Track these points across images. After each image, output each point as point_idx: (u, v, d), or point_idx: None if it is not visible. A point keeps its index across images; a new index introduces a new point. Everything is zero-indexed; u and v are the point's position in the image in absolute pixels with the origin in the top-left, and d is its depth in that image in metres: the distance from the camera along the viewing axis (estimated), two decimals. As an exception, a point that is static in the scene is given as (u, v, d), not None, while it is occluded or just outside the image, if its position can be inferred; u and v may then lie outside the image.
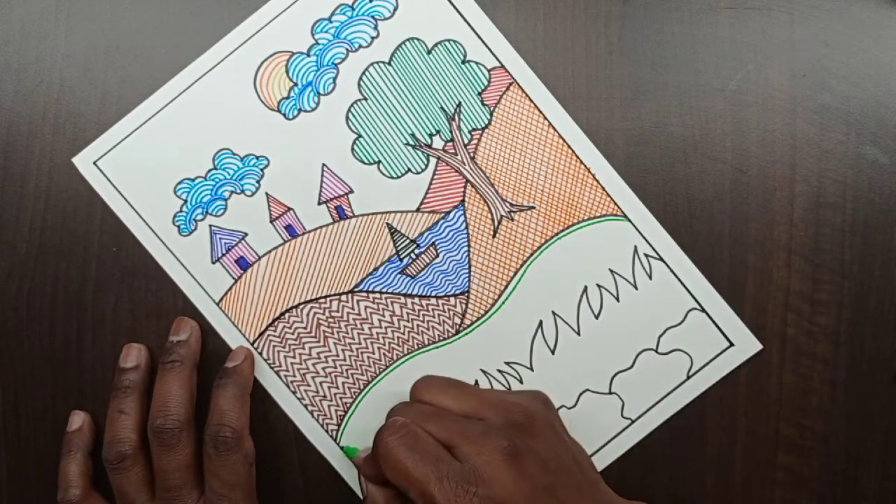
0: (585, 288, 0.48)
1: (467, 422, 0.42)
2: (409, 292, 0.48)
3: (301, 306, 0.48)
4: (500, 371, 0.48)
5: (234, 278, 0.48)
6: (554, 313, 0.48)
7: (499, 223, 0.48)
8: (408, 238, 0.48)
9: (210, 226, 0.48)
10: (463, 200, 0.48)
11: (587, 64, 0.48)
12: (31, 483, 0.49)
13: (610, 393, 0.48)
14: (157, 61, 0.47)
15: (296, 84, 0.47)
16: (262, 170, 0.47)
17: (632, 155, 0.48)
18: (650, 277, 0.48)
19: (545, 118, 0.48)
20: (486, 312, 0.48)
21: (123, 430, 0.45)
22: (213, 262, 0.48)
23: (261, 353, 0.48)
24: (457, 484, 0.39)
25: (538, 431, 0.43)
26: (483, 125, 0.48)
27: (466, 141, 0.48)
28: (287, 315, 0.48)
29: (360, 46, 0.47)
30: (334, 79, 0.47)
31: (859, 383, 0.48)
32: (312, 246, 0.48)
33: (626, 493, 0.49)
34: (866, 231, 0.48)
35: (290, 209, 0.48)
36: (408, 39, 0.47)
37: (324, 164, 0.48)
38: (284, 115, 0.47)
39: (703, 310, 0.48)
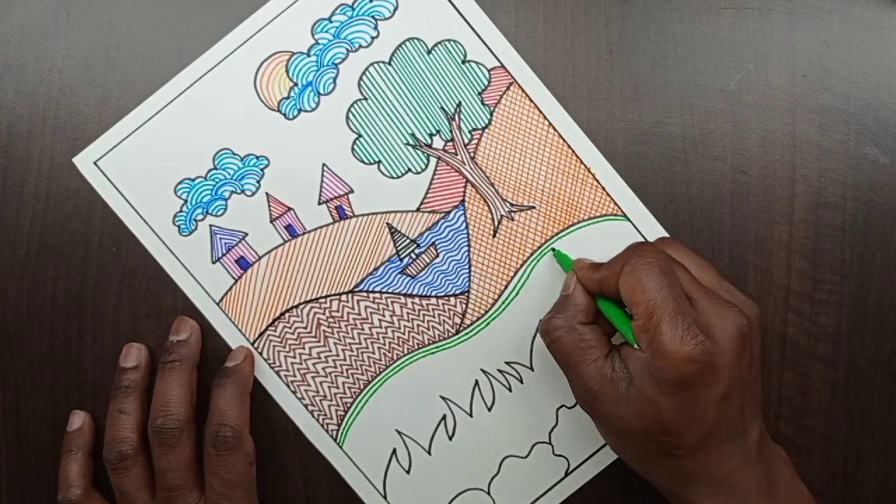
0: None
1: (709, 289, 0.42)
2: (409, 292, 0.48)
3: (301, 306, 0.48)
4: (500, 371, 0.48)
5: (234, 278, 0.48)
6: (554, 313, 0.48)
7: (499, 223, 0.48)
8: (408, 238, 0.48)
9: (210, 226, 0.48)
10: (463, 200, 0.48)
11: (587, 64, 0.48)
12: (31, 483, 0.49)
13: (610, 393, 0.48)
14: (157, 61, 0.47)
15: (296, 84, 0.47)
16: (262, 170, 0.47)
17: (632, 155, 0.48)
18: (650, 277, 0.48)
19: (545, 118, 0.48)
20: (487, 312, 0.48)
21: (124, 429, 0.45)
22: (214, 262, 0.48)
23: (261, 353, 0.48)
24: (687, 328, 0.39)
25: (757, 335, 0.42)
26: (483, 125, 0.48)
27: (466, 141, 0.48)
28: (287, 315, 0.48)
29: (361, 46, 0.47)
30: (334, 79, 0.47)
31: (859, 383, 0.48)
32: (312, 246, 0.48)
33: (627, 489, 0.49)
34: (866, 231, 0.48)
35: (290, 209, 0.48)
36: (408, 39, 0.47)
37: (324, 164, 0.48)
38: (284, 115, 0.47)
39: (703, 310, 0.48)
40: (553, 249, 0.47)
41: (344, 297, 0.48)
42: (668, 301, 0.40)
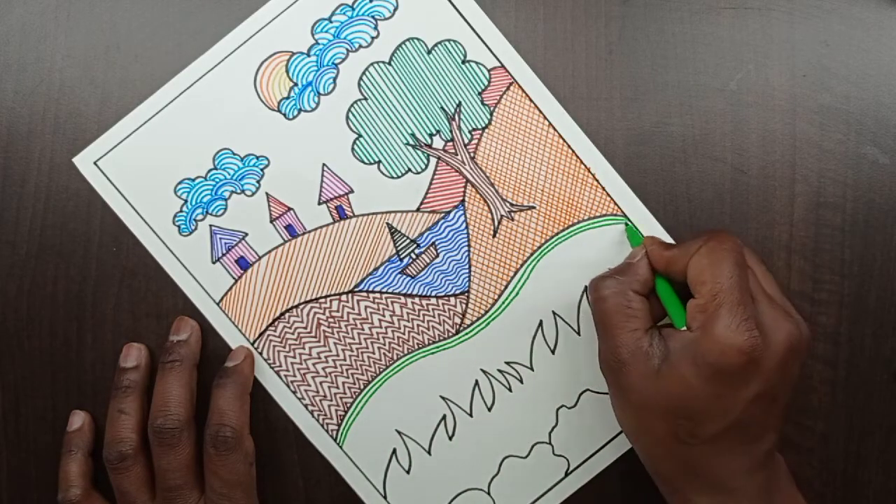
0: (586, 288, 0.48)
1: (772, 296, 0.42)
2: (409, 292, 0.48)
3: (301, 306, 0.48)
4: (500, 371, 0.48)
5: (234, 278, 0.48)
6: (554, 313, 0.48)
7: (499, 223, 0.48)
8: (408, 238, 0.48)
9: (210, 226, 0.48)
10: (463, 200, 0.48)
11: (587, 64, 0.48)
12: (31, 483, 0.49)
13: (610, 393, 0.48)
14: (157, 61, 0.47)
15: (296, 84, 0.47)
16: (262, 170, 0.47)
17: (632, 155, 0.48)
18: (650, 277, 0.48)
19: (545, 118, 0.48)
20: (487, 312, 0.48)
21: (124, 429, 0.45)
22: (214, 262, 0.48)
23: (261, 353, 0.48)
24: (745, 319, 0.39)
25: (803, 354, 0.42)
26: (483, 125, 0.48)
27: (466, 141, 0.48)
28: (287, 315, 0.48)
29: (361, 46, 0.47)
30: (334, 79, 0.47)
31: (859, 383, 0.48)
32: (312, 246, 0.48)
33: (627, 489, 0.49)
34: (866, 231, 0.48)
35: (290, 209, 0.48)
36: (408, 39, 0.47)
37: (324, 164, 0.48)
38: (284, 114, 0.47)
39: (703, 310, 0.48)
40: (626, 224, 0.47)
41: (344, 297, 0.48)
42: (734, 290, 0.40)
